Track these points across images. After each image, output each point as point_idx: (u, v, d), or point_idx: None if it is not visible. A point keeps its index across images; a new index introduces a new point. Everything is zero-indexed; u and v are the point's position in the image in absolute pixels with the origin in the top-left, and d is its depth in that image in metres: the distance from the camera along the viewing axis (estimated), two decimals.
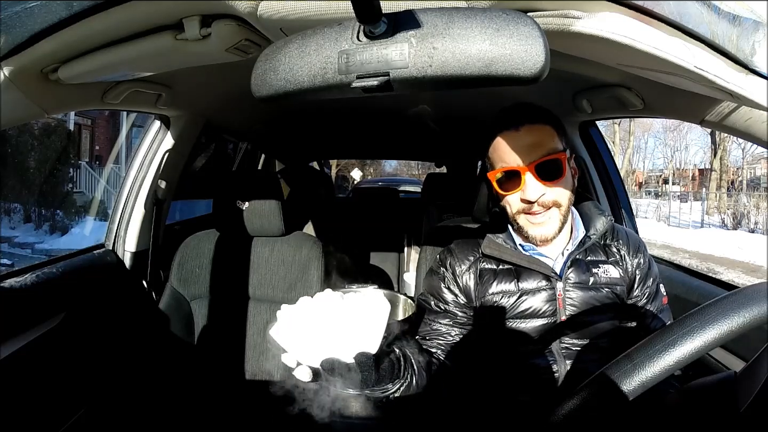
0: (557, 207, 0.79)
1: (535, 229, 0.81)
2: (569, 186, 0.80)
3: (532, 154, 0.77)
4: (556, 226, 0.80)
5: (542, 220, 0.79)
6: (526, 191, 0.77)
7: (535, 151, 0.77)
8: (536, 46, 0.39)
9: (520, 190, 0.78)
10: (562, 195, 0.79)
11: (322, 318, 0.57)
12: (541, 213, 0.79)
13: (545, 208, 0.79)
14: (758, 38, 0.47)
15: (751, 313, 0.42)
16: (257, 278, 1.37)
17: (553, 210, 0.79)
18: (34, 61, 0.71)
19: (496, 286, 0.84)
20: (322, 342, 0.57)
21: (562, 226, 0.81)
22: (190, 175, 1.70)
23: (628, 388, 0.44)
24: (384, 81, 0.42)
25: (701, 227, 13.00)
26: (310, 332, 0.57)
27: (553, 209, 0.79)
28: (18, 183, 8.05)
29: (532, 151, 0.77)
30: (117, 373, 1.19)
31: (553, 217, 0.80)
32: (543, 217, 0.79)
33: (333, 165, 15.09)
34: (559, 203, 0.79)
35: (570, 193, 0.81)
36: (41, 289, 1.04)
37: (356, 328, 0.57)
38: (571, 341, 0.81)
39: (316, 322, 0.57)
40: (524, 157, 0.77)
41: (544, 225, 0.80)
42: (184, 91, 1.23)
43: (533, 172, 0.76)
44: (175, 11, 0.67)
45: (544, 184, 0.77)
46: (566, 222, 0.82)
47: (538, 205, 0.78)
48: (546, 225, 0.80)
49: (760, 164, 18.74)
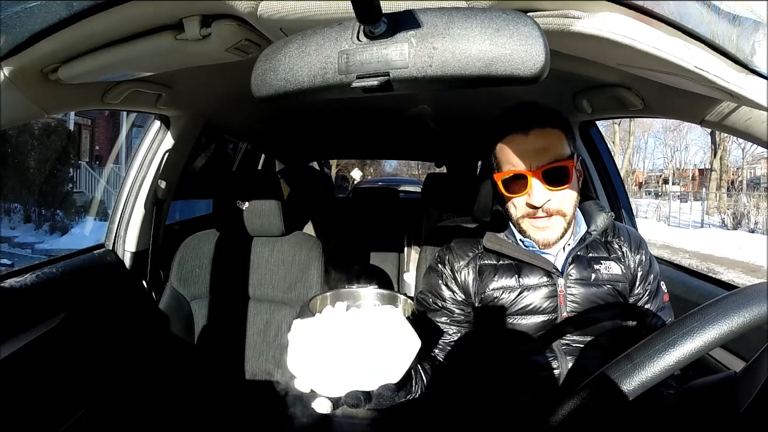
0: (561, 215, 0.79)
1: (537, 233, 0.81)
2: (575, 191, 0.80)
3: (540, 158, 0.76)
4: (559, 233, 0.80)
5: (545, 225, 0.79)
6: (532, 196, 0.77)
7: (543, 156, 0.76)
8: (536, 46, 0.39)
9: (526, 194, 0.78)
10: (567, 201, 0.79)
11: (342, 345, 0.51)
12: (545, 218, 0.79)
13: (549, 215, 0.79)
14: (758, 38, 0.47)
15: (751, 313, 0.42)
16: (257, 278, 1.37)
17: (557, 217, 0.79)
18: (34, 61, 0.71)
19: (496, 282, 0.84)
20: (344, 373, 0.51)
21: (564, 233, 0.81)
22: (190, 175, 1.70)
23: (628, 388, 0.44)
24: (384, 81, 0.42)
25: (701, 227, 13.00)
26: (330, 361, 0.51)
27: (557, 217, 0.79)
28: (18, 183, 8.05)
29: (541, 155, 0.76)
30: (117, 373, 1.19)
31: (557, 225, 0.80)
32: (547, 222, 0.79)
33: (333, 165, 15.09)
34: (564, 212, 0.79)
35: (575, 199, 0.80)
36: (41, 289, 1.04)
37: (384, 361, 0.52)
38: (571, 338, 0.81)
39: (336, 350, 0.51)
40: (532, 162, 0.77)
41: (547, 230, 0.80)
42: (184, 91, 1.23)
43: (540, 178, 0.76)
44: (175, 11, 0.67)
45: (550, 189, 0.77)
46: (570, 228, 0.82)
47: (542, 211, 0.78)
48: (549, 230, 0.80)
49: (760, 164, 18.74)
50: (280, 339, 1.36)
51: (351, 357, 0.51)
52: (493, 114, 0.85)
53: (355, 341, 0.51)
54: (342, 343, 0.51)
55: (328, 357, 0.51)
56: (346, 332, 0.52)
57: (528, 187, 0.77)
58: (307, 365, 0.51)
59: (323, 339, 0.52)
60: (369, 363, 0.51)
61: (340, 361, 0.51)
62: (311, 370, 0.51)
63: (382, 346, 0.52)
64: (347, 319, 0.53)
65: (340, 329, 0.52)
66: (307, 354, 0.52)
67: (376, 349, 0.51)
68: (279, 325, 1.36)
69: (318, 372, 0.51)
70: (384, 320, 0.53)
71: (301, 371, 0.52)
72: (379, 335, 0.52)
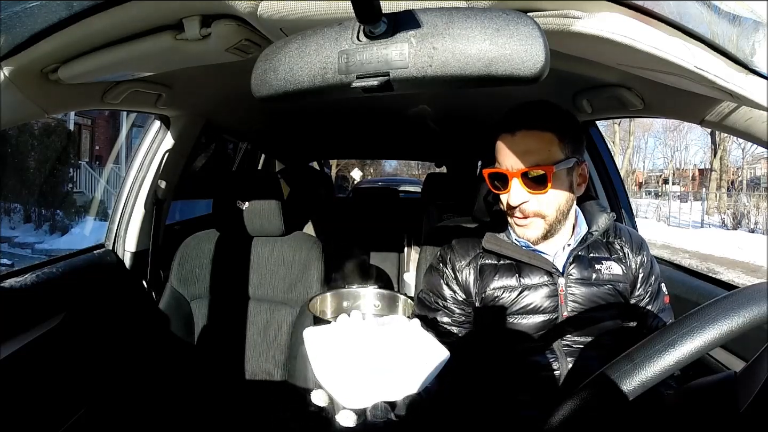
0: (540, 217, 0.80)
1: (519, 230, 0.83)
2: (559, 197, 0.79)
3: (522, 160, 0.77)
4: (539, 233, 0.81)
5: (524, 224, 0.81)
6: (510, 196, 0.79)
7: (525, 159, 0.77)
8: (536, 46, 0.39)
9: (507, 193, 0.79)
10: (547, 206, 0.79)
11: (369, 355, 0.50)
12: (522, 218, 0.80)
13: (525, 216, 0.79)
14: (758, 38, 0.47)
15: (751, 313, 0.42)
16: (257, 278, 1.37)
17: (535, 219, 0.80)
18: (34, 61, 0.71)
19: (497, 281, 0.84)
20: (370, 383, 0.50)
21: (546, 233, 0.81)
22: (190, 175, 1.70)
23: (628, 388, 0.44)
24: (384, 81, 0.42)
25: (701, 227, 13.00)
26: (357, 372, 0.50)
27: (535, 218, 0.80)
28: (18, 183, 8.05)
29: (523, 158, 0.77)
30: (117, 373, 1.19)
31: (536, 225, 0.80)
32: (525, 221, 0.80)
33: (333, 165, 15.08)
34: (542, 214, 0.79)
35: (560, 203, 0.80)
36: (41, 289, 1.04)
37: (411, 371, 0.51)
38: (572, 338, 0.81)
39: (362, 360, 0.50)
40: (514, 163, 0.78)
41: (526, 228, 0.81)
42: (184, 91, 1.23)
43: (519, 179, 0.77)
44: (175, 11, 0.67)
45: (530, 192, 0.77)
46: (553, 229, 0.82)
47: (519, 211, 0.79)
48: (528, 229, 0.81)
49: (760, 164, 18.73)
50: (280, 339, 1.36)
51: (378, 367, 0.50)
52: (493, 114, 0.85)
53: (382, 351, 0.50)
54: (368, 353, 0.50)
55: (355, 368, 0.50)
56: (369, 342, 0.51)
57: (508, 187, 0.78)
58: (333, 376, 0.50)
59: (346, 349, 0.51)
60: (396, 373, 0.50)
61: (367, 371, 0.50)
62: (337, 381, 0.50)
63: (411, 355, 0.51)
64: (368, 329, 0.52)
65: (362, 339, 0.51)
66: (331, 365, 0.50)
67: (403, 359, 0.51)
68: (279, 325, 1.36)
69: (343, 383, 0.50)
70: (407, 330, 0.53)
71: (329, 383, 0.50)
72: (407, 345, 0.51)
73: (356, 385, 0.49)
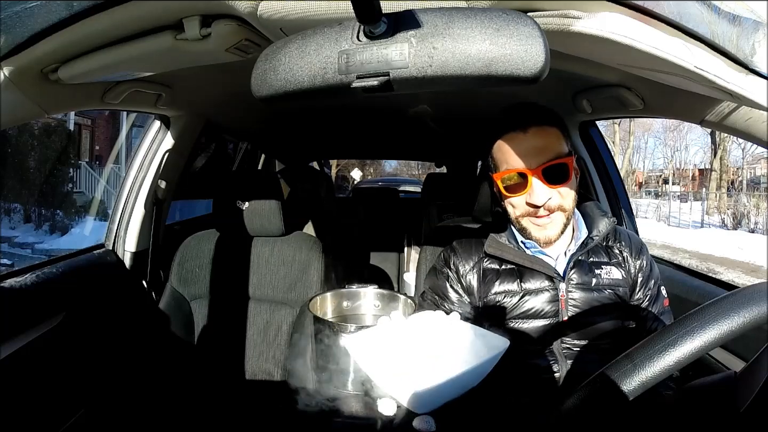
0: (562, 211, 0.79)
1: (539, 232, 0.81)
2: (574, 188, 0.81)
3: (539, 157, 0.76)
4: (559, 229, 0.80)
5: (546, 222, 0.80)
6: (532, 195, 0.77)
7: (542, 155, 0.76)
8: (536, 46, 0.39)
9: (526, 193, 0.78)
10: (567, 198, 0.79)
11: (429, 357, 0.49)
12: (546, 216, 0.79)
13: (550, 212, 0.79)
14: (758, 38, 0.47)
15: (751, 313, 0.42)
16: (257, 278, 1.37)
17: (557, 213, 0.79)
18: (34, 61, 0.71)
19: (499, 286, 0.84)
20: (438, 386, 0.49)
21: (565, 228, 0.81)
22: (190, 175, 1.70)
23: (628, 388, 0.44)
24: (384, 81, 0.42)
25: (701, 227, 12.99)
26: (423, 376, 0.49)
27: (557, 213, 0.79)
28: (18, 183, 8.05)
29: (540, 154, 0.76)
30: (117, 373, 1.19)
31: (557, 220, 0.80)
32: (547, 219, 0.79)
33: (333, 165, 15.07)
34: (564, 207, 0.79)
35: (574, 195, 0.81)
36: (41, 289, 1.04)
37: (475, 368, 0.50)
38: (572, 342, 0.81)
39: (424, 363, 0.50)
40: (531, 161, 0.77)
41: (547, 227, 0.80)
42: (184, 91, 1.23)
43: (540, 176, 0.76)
44: (175, 11, 0.67)
45: (551, 187, 0.77)
46: (569, 223, 0.82)
47: (543, 209, 0.78)
48: (549, 227, 0.80)
49: (760, 164, 18.72)
50: (280, 339, 1.36)
51: (442, 367, 0.49)
52: (493, 114, 0.85)
53: (442, 350, 0.49)
54: (428, 355, 0.49)
55: (421, 371, 0.48)
56: (424, 342, 0.50)
57: (528, 187, 0.77)
58: (398, 384, 0.49)
59: (403, 353, 0.50)
60: (460, 370, 0.49)
61: (432, 373, 0.49)
62: (404, 388, 0.48)
63: (473, 349, 0.51)
64: (415, 329, 0.51)
65: (415, 340, 0.50)
66: (393, 372, 0.49)
67: (467, 354, 0.50)
68: (279, 325, 1.36)
69: (411, 389, 0.48)
70: (455, 325, 0.52)
71: (396, 391, 0.49)
72: (465, 339, 0.51)
73: (425, 389, 0.48)
